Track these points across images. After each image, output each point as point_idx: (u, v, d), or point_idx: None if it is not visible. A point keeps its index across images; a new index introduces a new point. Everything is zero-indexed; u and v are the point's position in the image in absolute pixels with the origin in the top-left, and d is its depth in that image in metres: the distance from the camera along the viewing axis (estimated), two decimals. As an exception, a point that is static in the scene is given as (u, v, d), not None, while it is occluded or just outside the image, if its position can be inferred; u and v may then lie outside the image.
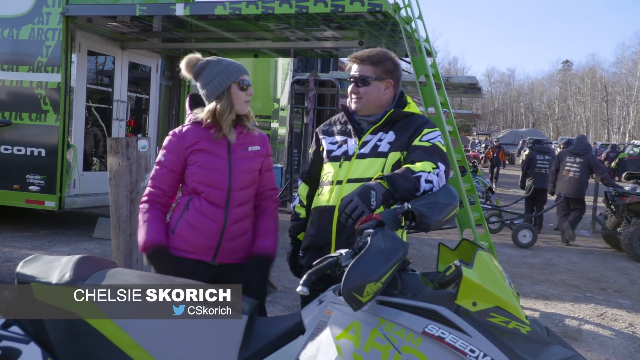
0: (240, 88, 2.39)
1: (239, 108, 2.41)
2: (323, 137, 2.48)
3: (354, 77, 2.36)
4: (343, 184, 2.30)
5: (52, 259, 2.08)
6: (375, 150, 2.31)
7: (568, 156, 9.27)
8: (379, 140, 2.34)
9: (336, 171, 2.34)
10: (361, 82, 2.35)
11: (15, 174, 7.15)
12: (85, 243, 7.00)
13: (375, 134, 2.36)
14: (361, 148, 2.34)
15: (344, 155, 2.35)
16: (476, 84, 11.08)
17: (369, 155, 2.31)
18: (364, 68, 2.35)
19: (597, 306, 5.62)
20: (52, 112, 7.02)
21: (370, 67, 2.35)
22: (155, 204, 2.41)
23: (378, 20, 6.15)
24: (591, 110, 67.67)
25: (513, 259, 7.80)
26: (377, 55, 2.37)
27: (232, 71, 2.38)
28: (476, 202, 5.82)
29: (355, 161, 2.32)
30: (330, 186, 2.33)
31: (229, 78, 2.37)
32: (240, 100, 2.39)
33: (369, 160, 2.30)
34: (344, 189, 2.29)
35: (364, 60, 2.36)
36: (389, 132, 2.35)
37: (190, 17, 6.76)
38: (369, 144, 2.33)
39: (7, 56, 7.24)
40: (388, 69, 2.37)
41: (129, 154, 4.34)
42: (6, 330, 1.93)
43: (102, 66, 8.85)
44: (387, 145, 2.31)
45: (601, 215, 9.54)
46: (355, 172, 2.30)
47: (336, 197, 2.30)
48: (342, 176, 2.32)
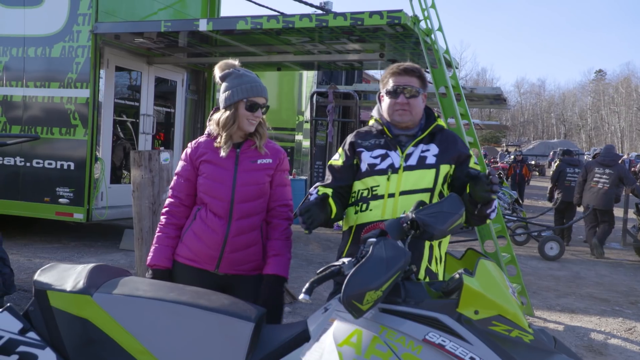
0: (247, 108, 2.42)
1: (242, 125, 2.44)
2: (362, 150, 2.41)
3: (405, 87, 2.35)
4: (396, 196, 2.29)
5: (67, 267, 2.16)
6: (422, 162, 2.33)
7: (597, 167, 9.09)
8: (422, 152, 2.35)
9: (385, 185, 2.31)
10: (413, 94, 2.35)
11: (46, 187, 7.37)
12: (112, 254, 7.16)
13: (416, 146, 2.37)
14: (406, 160, 2.33)
15: (391, 168, 2.32)
16: (501, 94, 10.98)
17: (417, 167, 2.32)
18: (411, 79, 2.36)
19: (625, 320, 5.47)
20: (81, 127, 7.23)
21: (417, 80, 2.37)
22: (172, 216, 2.52)
23: (398, 33, 6.18)
24: (626, 120, 66.15)
25: (539, 271, 7.66)
26: (420, 70, 2.40)
27: (245, 90, 2.42)
28: (498, 213, 5.75)
29: (404, 174, 2.31)
30: (382, 200, 2.30)
31: (238, 95, 2.42)
32: (244, 119, 2.43)
33: (419, 172, 2.31)
34: (398, 202, 2.28)
35: (412, 72, 2.37)
36: (430, 145, 2.37)
37: (213, 32, 6.90)
38: (413, 156, 2.34)
39: (40, 73, 7.50)
40: (426, 83, 2.42)
41: (151, 166, 4.44)
42: (23, 336, 2.01)
43: (130, 81, 9.08)
44: (434, 158, 2.33)
45: (633, 227, 9.30)
46: (407, 185, 2.30)
47: (391, 210, 2.28)
48: (394, 189, 2.30)
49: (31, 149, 7.45)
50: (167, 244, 2.50)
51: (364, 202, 2.34)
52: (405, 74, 2.36)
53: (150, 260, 2.49)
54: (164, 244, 2.50)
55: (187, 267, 2.47)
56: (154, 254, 2.50)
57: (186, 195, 2.52)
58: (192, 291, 2.08)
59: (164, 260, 2.48)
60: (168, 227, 2.52)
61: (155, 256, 2.49)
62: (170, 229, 2.51)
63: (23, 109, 7.55)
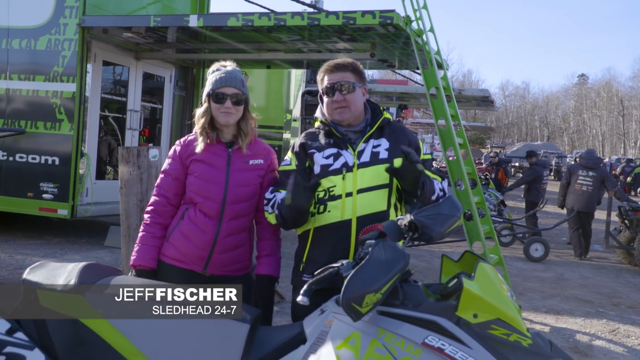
0: (214, 100, 2.39)
1: (215, 118, 2.41)
2: (313, 151, 2.34)
3: (340, 83, 2.29)
4: (354, 195, 2.24)
5: (57, 265, 2.11)
6: (376, 158, 2.29)
7: (580, 170, 9.19)
8: (374, 147, 2.31)
9: (341, 184, 2.26)
10: (347, 89, 2.30)
11: (29, 182, 7.24)
12: (96, 251, 7.06)
13: (367, 142, 2.33)
14: (359, 157, 2.30)
15: (345, 167, 2.27)
16: (489, 96, 11.06)
17: (371, 164, 2.28)
18: (345, 75, 2.31)
19: (609, 322, 5.54)
20: (67, 121, 7.12)
21: (351, 74, 2.32)
22: (157, 215, 2.46)
23: (389, 32, 6.18)
24: (607, 124, 67.06)
25: (524, 272, 7.72)
26: (354, 63, 2.36)
27: (211, 83, 2.41)
28: (486, 215, 5.78)
29: (359, 171, 2.27)
30: (340, 200, 2.25)
31: (207, 89, 2.41)
32: (215, 111, 2.40)
33: (374, 168, 2.27)
34: (356, 201, 2.24)
35: (345, 67, 2.32)
36: (381, 139, 2.34)
37: (203, 29, 6.84)
38: (365, 153, 2.31)
39: (25, 66, 7.36)
40: (363, 76, 2.37)
41: (139, 163, 4.38)
42: (11, 336, 1.96)
43: (117, 76, 8.97)
44: (386, 152, 2.30)
45: (615, 230, 9.42)
46: (364, 182, 2.26)
47: (351, 209, 2.23)
48: (351, 188, 2.25)
49: (14, 143, 7.32)
50: (153, 243, 2.43)
51: (321, 204, 2.27)
52: (338, 70, 2.32)
53: (135, 261, 2.42)
54: (149, 243, 2.43)
55: (173, 267, 2.42)
56: (138, 254, 2.42)
57: (174, 195, 2.47)
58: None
59: (149, 261, 2.41)
60: (153, 227, 2.45)
61: (140, 256, 2.42)
62: (155, 228, 2.45)
63: (6, 102, 7.41)
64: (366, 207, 2.24)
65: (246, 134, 2.45)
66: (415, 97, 14.36)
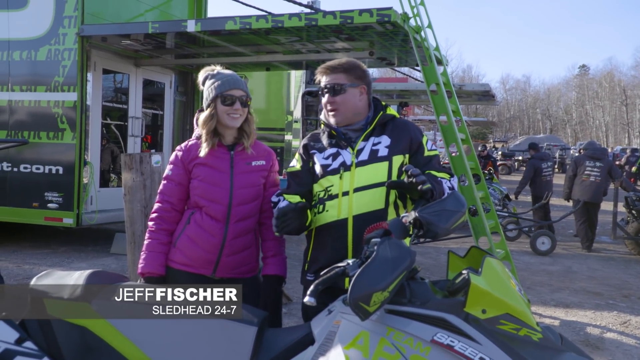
0: (223, 102, 2.38)
1: (223, 120, 2.40)
2: (314, 152, 2.37)
3: (328, 86, 2.31)
4: (350, 194, 2.24)
5: (64, 274, 2.10)
6: (374, 155, 2.28)
7: (587, 161, 9.14)
8: (374, 145, 2.30)
9: (338, 183, 2.27)
10: (337, 91, 2.30)
11: (34, 192, 7.26)
12: (102, 259, 7.07)
13: (367, 140, 2.32)
14: (358, 156, 2.29)
15: (343, 167, 2.28)
16: (489, 91, 11.03)
17: (369, 162, 2.27)
18: (336, 77, 2.31)
19: (620, 314, 5.50)
20: (69, 131, 7.14)
21: (343, 75, 2.31)
22: (162, 221, 2.45)
23: (387, 30, 6.16)
24: (610, 114, 66.86)
25: (532, 266, 7.69)
26: (347, 63, 2.35)
27: (217, 86, 2.40)
28: (491, 209, 5.76)
29: (357, 170, 2.27)
30: (337, 199, 2.26)
31: (213, 92, 2.40)
32: (223, 114, 2.39)
33: (371, 166, 2.26)
34: (352, 200, 2.23)
35: (335, 69, 2.32)
36: (382, 137, 2.32)
37: (201, 33, 6.84)
38: (364, 151, 2.29)
39: (26, 77, 7.39)
40: (359, 75, 2.35)
41: (142, 169, 4.38)
42: (20, 345, 1.95)
43: (117, 84, 8.99)
44: (386, 150, 2.29)
45: (622, 220, 9.37)
46: (360, 181, 2.25)
47: (347, 209, 2.23)
48: (347, 187, 2.25)
49: (18, 154, 7.34)
50: (160, 250, 2.42)
51: (321, 204, 2.30)
52: (330, 72, 2.33)
53: (143, 269, 2.40)
54: (156, 250, 2.42)
55: (182, 272, 2.41)
56: (145, 262, 2.41)
57: (178, 200, 2.47)
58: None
59: (157, 268, 2.40)
60: (159, 233, 2.44)
61: (148, 264, 2.40)
62: (161, 234, 2.44)
63: (9, 114, 7.44)
64: (363, 205, 2.23)
65: (249, 134, 2.47)
66: (416, 94, 14.33)
